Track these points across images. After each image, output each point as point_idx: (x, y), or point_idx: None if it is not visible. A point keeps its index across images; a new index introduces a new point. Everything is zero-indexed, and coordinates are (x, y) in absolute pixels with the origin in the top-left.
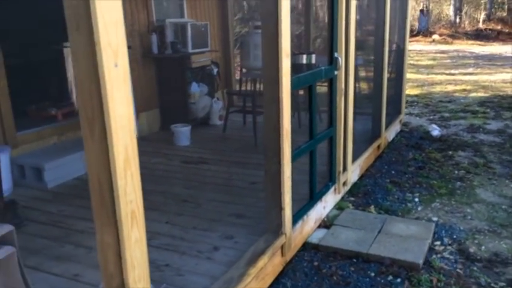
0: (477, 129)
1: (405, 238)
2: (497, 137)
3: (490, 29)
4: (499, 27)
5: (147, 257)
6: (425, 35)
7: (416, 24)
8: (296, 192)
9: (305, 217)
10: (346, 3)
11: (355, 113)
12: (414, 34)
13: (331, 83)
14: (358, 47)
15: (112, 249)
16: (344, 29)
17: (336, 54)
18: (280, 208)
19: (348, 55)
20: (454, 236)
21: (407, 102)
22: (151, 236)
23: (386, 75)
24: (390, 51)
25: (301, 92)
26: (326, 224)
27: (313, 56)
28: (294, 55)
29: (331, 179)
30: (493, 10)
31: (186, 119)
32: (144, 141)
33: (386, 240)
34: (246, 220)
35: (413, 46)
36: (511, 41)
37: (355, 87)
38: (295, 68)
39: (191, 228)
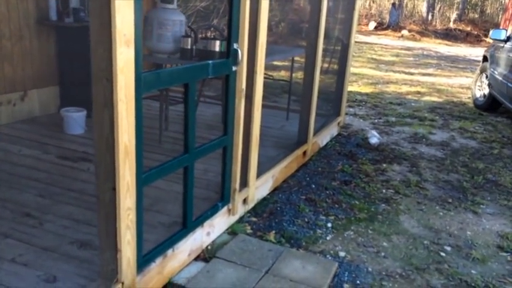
0: (420, 140)
1: (295, 284)
2: (439, 150)
3: (459, 30)
4: (468, 28)
5: None
6: (394, 30)
7: (387, 17)
8: (170, 213)
9: (170, 251)
10: None
11: (290, 111)
12: (384, 28)
13: (227, 81)
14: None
15: None
16: (249, 11)
17: (235, 45)
18: (115, 250)
19: (256, 46)
20: (358, 282)
21: (355, 101)
22: None
23: (318, 72)
24: (328, 44)
25: None
26: (206, 255)
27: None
28: (205, 40)
29: (222, 198)
30: (465, 11)
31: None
32: (28, 125)
33: (271, 286)
34: (88, 252)
35: (381, 40)
36: (478, 44)
37: (290, 83)
38: (205, 55)
39: (8, 261)
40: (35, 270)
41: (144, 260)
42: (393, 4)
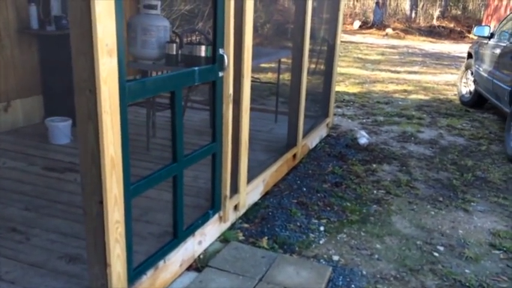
0: (408, 138)
1: None
2: (428, 148)
3: (443, 27)
4: (452, 25)
5: None
6: (379, 28)
7: (372, 16)
8: (160, 222)
9: (161, 263)
10: None
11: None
12: (369, 26)
13: (214, 87)
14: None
15: None
16: (233, 15)
17: (221, 51)
18: (104, 264)
19: (242, 50)
20: (352, 286)
21: (343, 101)
22: None
23: (305, 73)
24: (315, 44)
25: None
26: (198, 265)
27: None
28: (191, 45)
29: (213, 205)
30: (448, 7)
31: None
32: (12, 136)
33: None
34: (78, 266)
35: (366, 39)
36: (461, 40)
37: (277, 85)
38: (191, 61)
39: None
40: (22, 287)
41: (135, 273)
42: (377, 3)
